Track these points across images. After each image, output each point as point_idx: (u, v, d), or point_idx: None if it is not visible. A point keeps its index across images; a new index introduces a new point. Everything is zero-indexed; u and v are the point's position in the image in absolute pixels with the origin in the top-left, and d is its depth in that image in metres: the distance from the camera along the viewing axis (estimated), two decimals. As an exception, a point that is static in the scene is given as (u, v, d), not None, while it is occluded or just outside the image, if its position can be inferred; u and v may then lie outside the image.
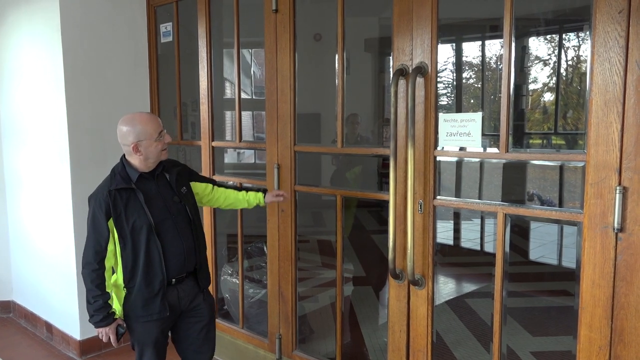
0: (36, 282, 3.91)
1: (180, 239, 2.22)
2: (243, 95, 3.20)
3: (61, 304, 3.62)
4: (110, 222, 2.12)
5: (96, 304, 2.13)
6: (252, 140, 4.32)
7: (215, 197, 2.53)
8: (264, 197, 2.54)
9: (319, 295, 3.95)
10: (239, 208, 2.70)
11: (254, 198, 2.54)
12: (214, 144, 3.31)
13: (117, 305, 2.21)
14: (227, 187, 2.57)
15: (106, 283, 2.16)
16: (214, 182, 2.55)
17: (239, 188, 2.59)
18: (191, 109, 3.67)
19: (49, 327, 3.81)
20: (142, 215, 2.13)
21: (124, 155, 2.22)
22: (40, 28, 3.43)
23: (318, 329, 3.53)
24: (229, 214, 3.37)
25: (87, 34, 3.36)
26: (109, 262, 2.17)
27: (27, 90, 3.67)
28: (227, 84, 4.45)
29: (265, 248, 3.11)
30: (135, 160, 2.17)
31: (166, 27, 3.60)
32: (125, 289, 2.19)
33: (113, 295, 2.20)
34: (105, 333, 2.17)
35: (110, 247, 2.15)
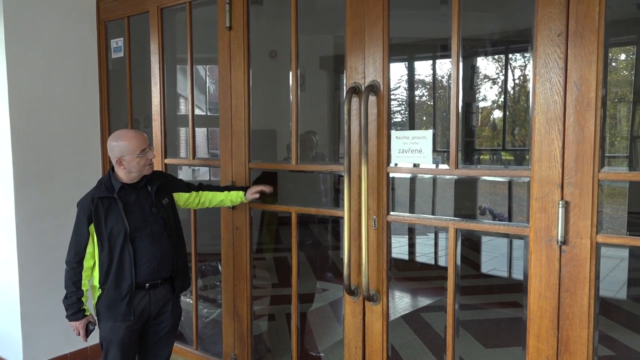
0: (-24, 307, 3.70)
1: (155, 246, 2.38)
2: (197, 112, 3.17)
3: (2, 329, 3.44)
4: (91, 227, 2.32)
5: (70, 299, 2.36)
6: (207, 157, 4.27)
7: (201, 201, 2.69)
8: (244, 195, 2.67)
9: (275, 313, 3.92)
10: (226, 206, 2.84)
11: (235, 197, 2.69)
12: (166, 161, 3.25)
13: (90, 304, 2.42)
14: (211, 189, 2.71)
15: (82, 281, 2.36)
16: (199, 187, 2.69)
17: (222, 188, 2.72)
18: (143, 125, 3.59)
19: (-11, 354, 3.61)
20: (119, 222, 2.33)
21: (112, 166, 2.40)
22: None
23: (274, 348, 3.49)
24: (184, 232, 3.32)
25: (33, 49, 3.25)
26: (87, 263, 2.35)
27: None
28: (182, 100, 4.40)
29: (219, 266, 3.06)
30: (120, 172, 2.37)
31: (117, 43, 3.53)
32: (100, 289, 2.38)
33: (88, 294, 2.41)
34: (76, 327, 2.40)
35: (89, 249, 2.34)
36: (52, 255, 3.36)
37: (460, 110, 2.06)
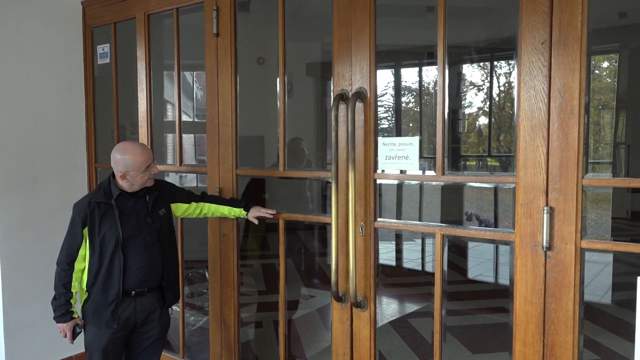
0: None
1: (145, 255, 2.38)
2: (185, 118, 3.16)
3: (-15, 340, 3.38)
4: (85, 230, 2.33)
5: (59, 300, 2.36)
6: (194, 163, 4.25)
7: (203, 212, 2.68)
8: (247, 213, 2.64)
9: (262, 320, 3.90)
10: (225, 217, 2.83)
11: (239, 213, 2.66)
12: (153, 167, 3.23)
13: (78, 306, 2.42)
14: (213, 200, 2.69)
15: (72, 283, 2.36)
16: (202, 197, 2.68)
17: (225, 201, 2.69)
18: (130, 132, 3.57)
19: (-30, 365, 3.54)
20: (113, 229, 2.33)
21: (113, 173, 2.39)
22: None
23: (261, 355, 3.47)
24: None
25: (17, 54, 3.22)
26: (78, 265, 2.36)
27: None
28: (169, 106, 4.38)
29: (206, 274, 3.04)
30: (121, 182, 2.36)
31: (103, 49, 3.51)
32: (87, 292, 2.38)
33: (77, 296, 2.40)
34: (63, 329, 2.39)
35: (82, 251, 2.35)
36: (35, 263, 3.31)
37: (446, 116, 2.08)
